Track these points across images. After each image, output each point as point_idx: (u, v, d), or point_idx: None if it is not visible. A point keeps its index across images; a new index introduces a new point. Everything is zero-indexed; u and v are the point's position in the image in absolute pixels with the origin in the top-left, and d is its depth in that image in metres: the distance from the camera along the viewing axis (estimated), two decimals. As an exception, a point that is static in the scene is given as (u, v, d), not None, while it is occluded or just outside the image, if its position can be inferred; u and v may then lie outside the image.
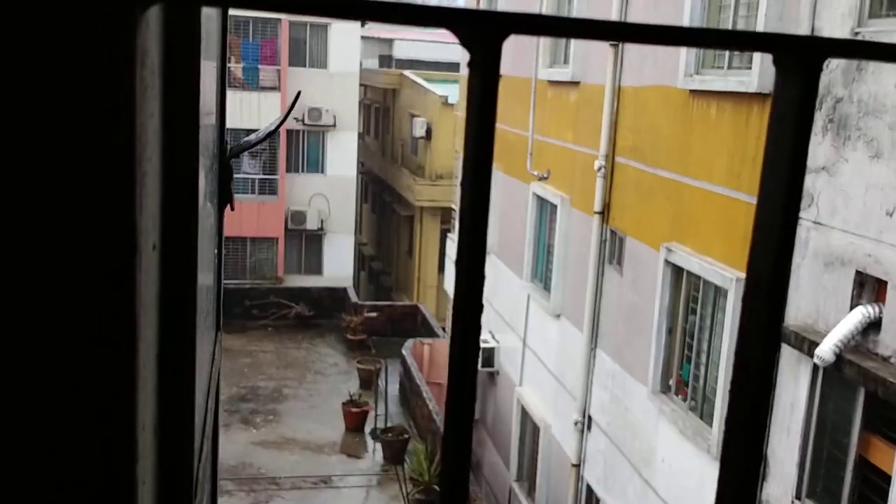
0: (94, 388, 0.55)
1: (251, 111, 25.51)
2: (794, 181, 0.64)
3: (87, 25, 0.51)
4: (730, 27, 8.46)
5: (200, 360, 1.36)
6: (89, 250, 0.53)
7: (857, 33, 6.57)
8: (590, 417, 11.39)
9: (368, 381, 20.05)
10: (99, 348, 0.55)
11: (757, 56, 7.70)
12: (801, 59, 0.61)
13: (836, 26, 6.77)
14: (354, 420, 18.48)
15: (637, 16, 10.26)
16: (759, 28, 7.66)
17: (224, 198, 1.70)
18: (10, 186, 0.48)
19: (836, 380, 6.68)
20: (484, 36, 0.57)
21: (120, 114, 0.53)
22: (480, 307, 0.60)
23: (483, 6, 16.28)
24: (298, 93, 3.08)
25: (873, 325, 6.26)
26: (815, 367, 6.78)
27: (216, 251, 1.73)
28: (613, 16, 10.59)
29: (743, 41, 0.64)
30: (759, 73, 7.63)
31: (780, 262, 0.64)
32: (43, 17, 0.50)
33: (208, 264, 1.54)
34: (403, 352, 20.24)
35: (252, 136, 2.40)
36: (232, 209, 1.77)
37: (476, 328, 0.59)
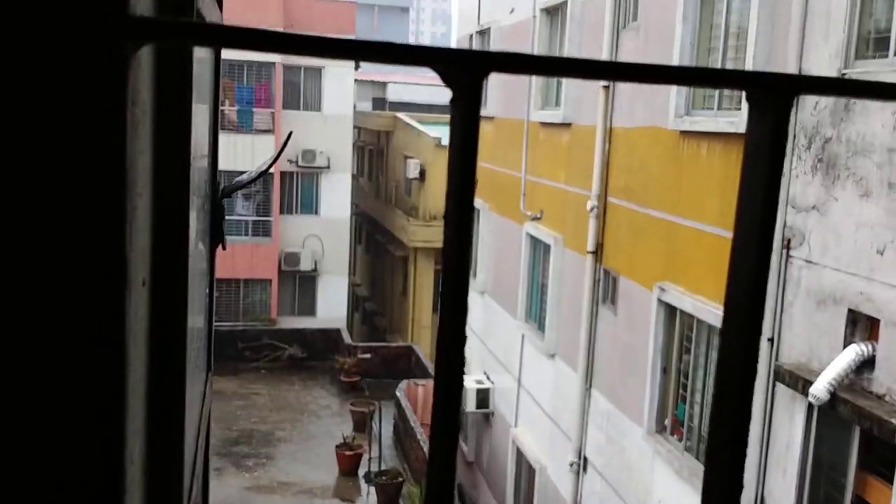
0: (82, 420, 0.55)
1: (245, 154, 25.62)
2: (768, 216, 0.65)
3: (78, 64, 0.52)
4: (722, 23, 8.59)
5: (191, 400, 1.37)
6: (79, 282, 0.54)
7: (843, 74, 6.67)
8: (585, 458, 11.31)
9: (362, 424, 19.89)
10: (87, 382, 0.55)
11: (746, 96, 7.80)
12: (772, 95, 0.63)
13: (823, 68, 6.88)
14: (348, 463, 18.29)
15: (627, 57, 10.39)
16: (752, 26, 7.75)
17: (216, 237, 1.71)
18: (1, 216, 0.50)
19: (831, 418, 6.66)
20: (465, 74, 0.59)
21: (111, 150, 0.54)
22: (464, 337, 0.61)
23: (476, 46, 16.45)
24: (290, 133, 3.11)
25: (867, 363, 6.26)
26: (810, 406, 6.76)
27: (207, 291, 1.74)
28: (604, 59, 10.72)
29: (716, 78, 0.66)
30: (747, 112, 7.71)
31: (755, 294, 0.66)
32: (35, 54, 0.51)
33: (199, 304, 1.55)
34: (397, 393, 20.11)
35: (244, 176, 2.42)
36: (223, 248, 1.78)
37: (460, 358, 0.60)
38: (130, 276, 0.60)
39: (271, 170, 26.23)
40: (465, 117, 0.59)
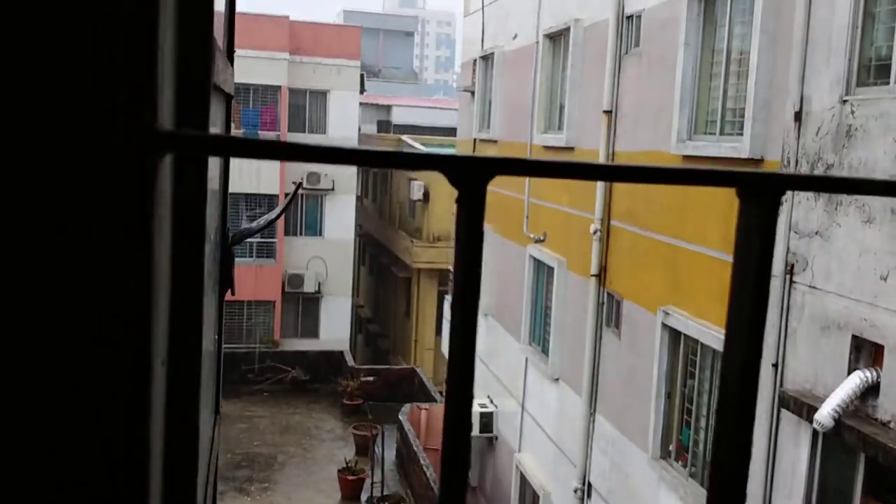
0: (106, 489, 0.58)
1: (251, 176, 25.75)
2: (758, 305, 0.68)
3: (107, 175, 0.56)
4: (720, 95, 8.64)
5: (200, 448, 1.39)
6: (105, 367, 0.57)
7: (845, 101, 6.71)
8: (589, 484, 11.27)
9: (365, 448, 19.82)
10: (112, 470, 0.58)
11: (748, 122, 7.85)
12: (761, 192, 0.66)
13: (824, 94, 6.92)
14: (350, 488, 18.21)
15: (630, 83, 10.47)
16: (750, 95, 7.82)
17: (225, 283, 1.74)
18: (31, 310, 0.53)
19: (836, 445, 6.65)
20: (471, 177, 0.62)
21: (138, 253, 0.57)
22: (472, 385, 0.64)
23: (479, 71, 16.58)
24: (299, 184, 3.16)
25: (871, 390, 6.26)
26: (815, 433, 6.75)
27: (216, 337, 1.77)
28: (606, 87, 10.80)
29: (707, 178, 0.69)
30: (750, 138, 7.77)
31: (747, 382, 0.69)
32: (67, 169, 0.55)
33: (208, 354, 1.58)
34: (400, 417, 20.06)
35: (254, 224, 2.46)
36: (233, 294, 1.81)
37: (469, 395, 0.63)
38: (153, 360, 0.63)
39: (276, 192, 26.34)
40: (470, 216, 0.63)
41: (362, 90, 29.03)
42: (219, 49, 1.19)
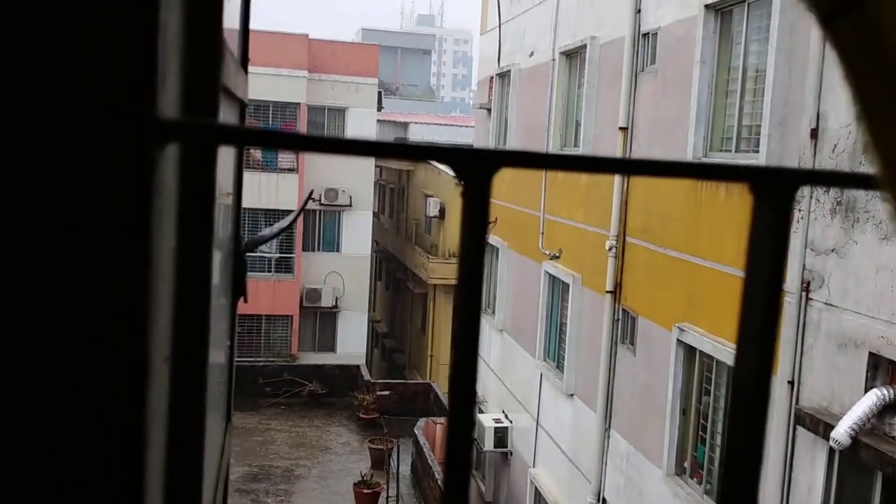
0: (100, 490, 0.58)
1: (269, 192, 25.88)
2: (772, 304, 0.67)
3: (106, 165, 0.56)
4: (736, 112, 8.62)
5: (209, 454, 1.39)
6: (103, 366, 0.57)
7: (862, 117, 6.66)
8: (604, 500, 11.18)
9: (380, 462, 19.78)
10: (106, 468, 0.58)
11: (764, 138, 7.82)
12: (774, 188, 0.65)
13: (840, 110, 6.89)
14: (366, 502, 18.17)
15: (645, 100, 10.46)
16: (766, 112, 7.80)
17: (238, 291, 1.74)
18: (25, 306, 0.53)
19: (852, 463, 6.57)
20: (476, 170, 0.62)
21: (137, 243, 0.57)
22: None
23: (496, 88, 16.62)
24: (311, 192, 3.18)
25: (889, 408, 6.19)
26: (832, 451, 6.68)
27: (228, 343, 1.77)
28: (622, 104, 10.80)
29: (720, 173, 0.68)
30: (766, 155, 7.73)
31: (761, 385, 0.67)
32: (66, 157, 0.55)
33: (219, 360, 1.58)
34: (416, 431, 20.01)
35: (266, 231, 2.47)
36: (245, 301, 1.81)
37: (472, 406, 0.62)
38: (153, 357, 0.63)
39: (294, 207, 26.45)
40: (475, 211, 0.62)
41: (380, 107, 29.16)
42: (231, 54, 1.19)
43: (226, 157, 1.53)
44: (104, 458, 0.57)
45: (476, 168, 0.62)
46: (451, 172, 0.64)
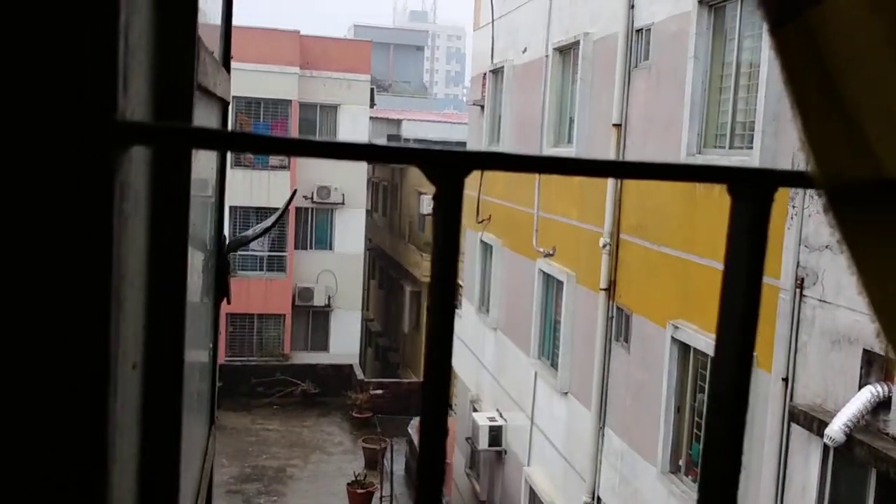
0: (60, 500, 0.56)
1: (261, 190, 25.83)
2: (750, 303, 0.66)
3: (66, 168, 0.54)
4: (730, 108, 8.61)
5: (189, 459, 1.37)
6: (61, 377, 0.55)
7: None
8: (599, 499, 11.18)
9: (374, 461, 19.77)
10: (68, 474, 0.56)
11: (758, 135, 7.82)
12: (752, 189, 0.64)
13: (833, 107, 6.88)
14: (360, 501, 18.15)
15: (639, 96, 10.45)
16: (760, 108, 7.79)
17: (220, 292, 1.73)
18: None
19: (847, 460, 6.58)
20: (448, 172, 0.60)
21: (96, 247, 0.55)
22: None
23: (489, 85, 16.60)
24: (294, 191, 3.16)
25: (883, 405, 6.19)
26: (826, 448, 6.68)
27: (211, 345, 1.75)
28: (615, 100, 10.79)
29: (698, 174, 0.67)
30: (760, 151, 7.73)
31: (739, 387, 0.66)
32: (25, 159, 0.53)
33: (200, 363, 1.56)
34: (409, 430, 20.01)
35: (249, 232, 2.45)
36: (228, 303, 1.80)
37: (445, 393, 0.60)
38: (115, 366, 0.61)
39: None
40: (447, 212, 0.61)
41: (372, 104, 29.14)
42: (208, 52, 1.17)
43: (207, 157, 1.51)
44: (63, 469, 0.55)
45: (447, 170, 0.60)
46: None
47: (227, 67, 1.75)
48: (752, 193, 0.64)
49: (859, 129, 0.57)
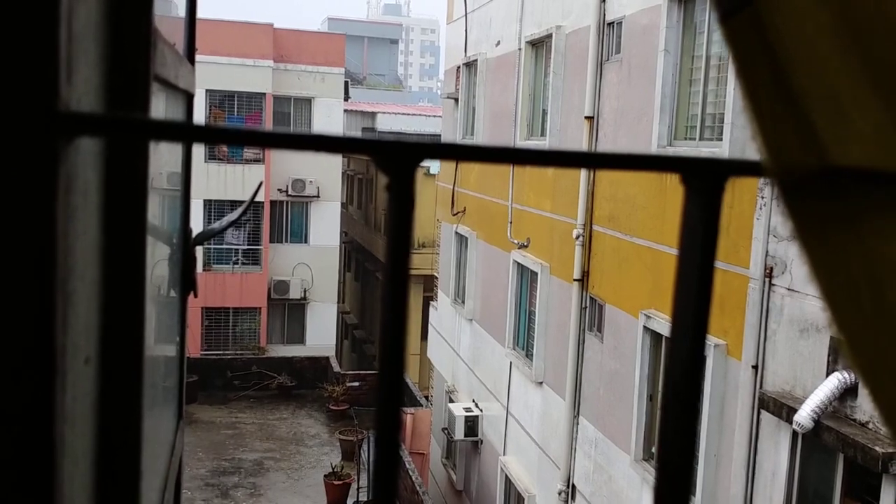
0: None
1: (235, 183, 25.67)
2: (702, 293, 0.67)
3: (4, 156, 0.53)
4: (700, 100, 8.67)
5: (155, 454, 1.36)
6: (3, 375, 0.54)
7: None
8: (573, 486, 11.26)
9: (351, 453, 19.76)
10: (15, 470, 0.55)
11: (728, 127, 7.88)
12: (705, 178, 0.64)
13: (802, 98, 6.95)
14: (336, 493, 18.14)
15: (611, 89, 10.50)
16: (729, 100, 7.85)
17: (186, 286, 1.71)
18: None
19: (815, 446, 6.67)
20: (399, 162, 0.60)
21: (37, 239, 0.55)
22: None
23: (463, 78, 16.60)
24: (260, 183, 3.14)
25: (850, 391, 6.28)
26: (795, 434, 6.77)
27: (179, 339, 1.74)
28: (588, 93, 10.82)
29: (651, 163, 0.67)
30: (729, 143, 7.79)
31: (693, 371, 0.67)
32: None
33: (165, 356, 1.55)
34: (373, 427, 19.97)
35: (216, 225, 2.44)
36: (195, 296, 1.79)
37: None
38: (64, 360, 0.60)
39: (261, 198, 26.25)
40: (399, 202, 0.61)
41: (347, 97, 29.02)
42: (167, 44, 1.16)
43: (170, 149, 1.49)
44: (6, 461, 0.55)
45: (398, 160, 0.60)
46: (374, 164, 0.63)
47: (192, 60, 1.73)
48: (704, 183, 0.65)
49: (807, 119, 0.58)
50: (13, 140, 0.52)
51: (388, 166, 0.60)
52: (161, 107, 1.28)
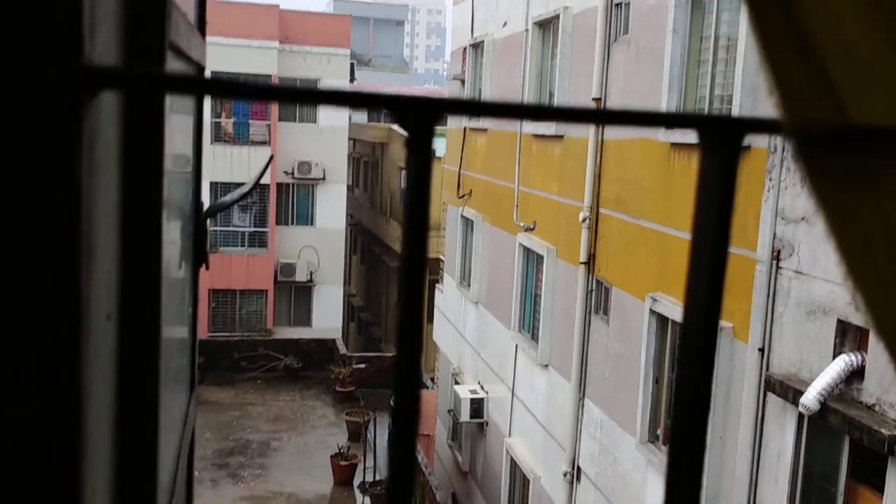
0: (35, 457, 0.57)
1: (241, 165, 25.66)
2: (719, 253, 0.67)
3: (30, 112, 0.54)
4: (708, 81, 8.63)
5: (169, 422, 1.38)
6: (31, 326, 0.55)
7: (832, 86, 6.70)
8: (579, 468, 11.31)
9: (357, 434, 19.87)
10: (42, 423, 0.56)
11: (736, 108, 7.85)
12: (722, 137, 0.65)
13: (811, 80, 6.91)
14: (343, 473, 18.26)
15: (618, 69, 10.45)
16: (737, 81, 7.81)
17: (199, 257, 1.72)
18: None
19: (821, 428, 6.68)
20: (419, 117, 0.61)
21: (64, 199, 0.55)
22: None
23: (469, 59, 16.54)
24: (271, 156, 3.15)
25: (856, 374, 6.29)
26: (801, 416, 6.78)
27: (191, 310, 1.75)
28: (595, 74, 10.78)
29: (668, 120, 0.67)
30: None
31: (708, 331, 0.67)
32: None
33: (179, 325, 1.56)
34: (392, 403, 20.07)
35: (227, 197, 2.45)
36: (206, 268, 1.80)
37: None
38: (88, 313, 0.61)
39: (267, 181, 26.26)
40: (419, 158, 0.61)
41: (352, 79, 28.96)
42: (181, 13, 1.17)
43: (182, 121, 1.50)
44: (35, 409, 0.55)
45: (418, 116, 0.61)
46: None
47: (202, 33, 1.74)
48: (721, 141, 0.65)
49: (824, 73, 0.58)
50: (42, 93, 0.53)
51: (409, 122, 0.60)
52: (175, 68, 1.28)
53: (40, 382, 0.54)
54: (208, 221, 1.88)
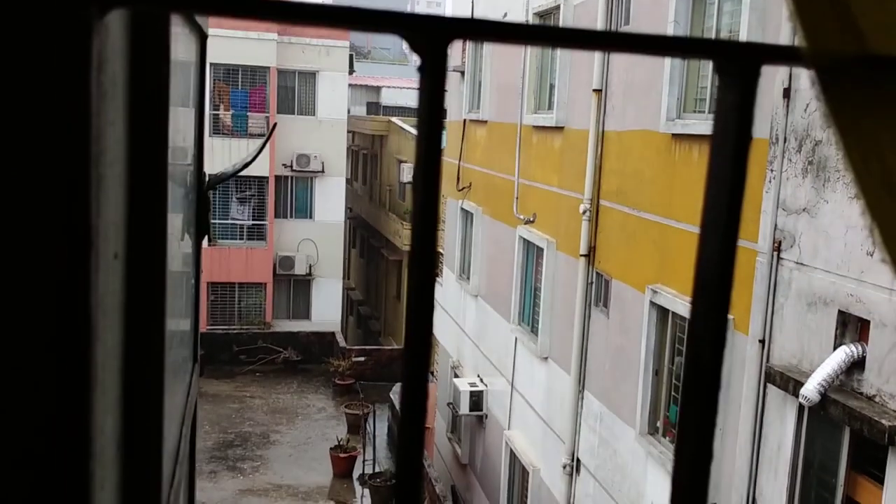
0: (43, 396, 0.55)
1: (240, 157, 25.59)
2: (736, 187, 0.65)
3: (38, 30, 0.53)
4: (709, 73, 8.60)
5: (173, 385, 1.36)
6: (41, 250, 0.54)
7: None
8: (578, 460, 11.31)
9: (356, 426, 19.88)
10: (50, 353, 0.55)
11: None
12: (739, 64, 0.63)
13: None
14: (342, 466, 18.27)
15: (619, 61, 10.43)
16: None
17: (202, 228, 1.71)
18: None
19: (821, 419, 6.68)
20: (434, 38, 0.59)
21: (73, 118, 0.54)
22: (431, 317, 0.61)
23: (469, 49, 16.50)
24: (275, 124, 3.13)
25: (857, 365, 6.28)
26: (801, 407, 6.78)
27: (193, 281, 1.74)
28: (596, 66, 10.75)
29: (682, 47, 0.66)
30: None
31: (723, 269, 0.66)
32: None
33: (183, 290, 1.55)
34: (392, 396, 20.11)
35: (229, 168, 2.43)
36: (210, 241, 1.78)
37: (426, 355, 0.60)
38: (98, 244, 0.60)
39: (266, 174, 26.20)
40: (432, 81, 0.60)
41: (351, 71, 28.89)
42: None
43: (185, 119, 1.48)
44: (45, 339, 0.54)
45: (431, 37, 0.59)
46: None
47: None
48: (739, 68, 0.64)
49: (846, 5, 0.57)
50: (51, 11, 0.51)
51: (421, 43, 0.59)
52: (181, 43, 1.27)
53: (52, 317, 0.52)
54: (210, 194, 1.88)
